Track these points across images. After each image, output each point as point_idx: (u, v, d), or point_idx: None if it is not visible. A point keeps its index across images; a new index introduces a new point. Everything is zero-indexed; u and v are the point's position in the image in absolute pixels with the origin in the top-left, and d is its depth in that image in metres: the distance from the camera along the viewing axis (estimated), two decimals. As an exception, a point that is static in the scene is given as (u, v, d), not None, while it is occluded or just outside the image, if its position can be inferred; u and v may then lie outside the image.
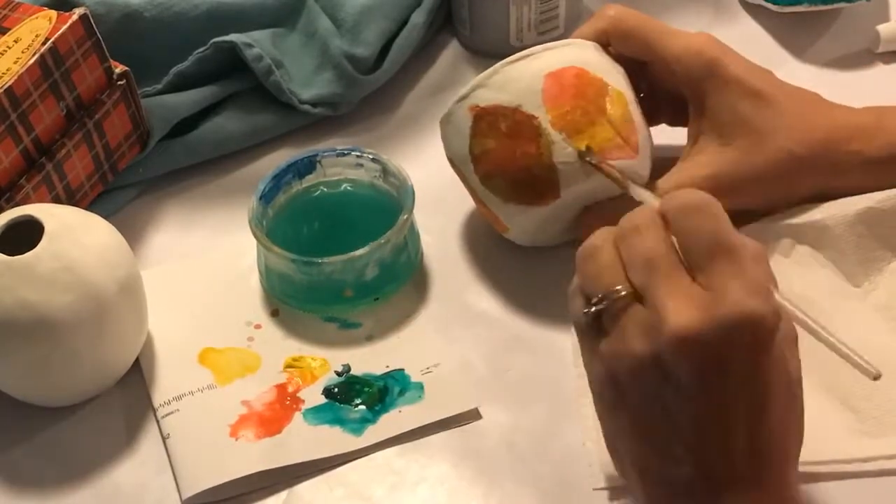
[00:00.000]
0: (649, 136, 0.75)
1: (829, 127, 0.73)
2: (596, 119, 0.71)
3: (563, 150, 0.71)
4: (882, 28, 0.90)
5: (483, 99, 0.74)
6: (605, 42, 0.76)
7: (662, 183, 0.74)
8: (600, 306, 0.55)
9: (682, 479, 0.55)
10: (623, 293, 0.54)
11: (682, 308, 0.52)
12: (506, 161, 0.73)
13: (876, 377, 0.54)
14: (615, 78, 0.74)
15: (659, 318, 0.53)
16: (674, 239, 0.55)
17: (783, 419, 0.55)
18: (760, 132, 0.72)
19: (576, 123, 0.71)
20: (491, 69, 0.74)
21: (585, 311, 0.56)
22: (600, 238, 0.57)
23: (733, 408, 0.54)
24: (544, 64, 0.73)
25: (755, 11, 0.96)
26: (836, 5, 0.91)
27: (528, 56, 0.74)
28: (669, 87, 0.76)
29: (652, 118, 0.77)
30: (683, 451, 0.54)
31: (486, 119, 0.73)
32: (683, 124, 0.77)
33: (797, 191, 0.75)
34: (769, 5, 0.93)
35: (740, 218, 0.72)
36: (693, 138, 0.75)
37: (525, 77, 0.73)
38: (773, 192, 0.74)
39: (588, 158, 0.71)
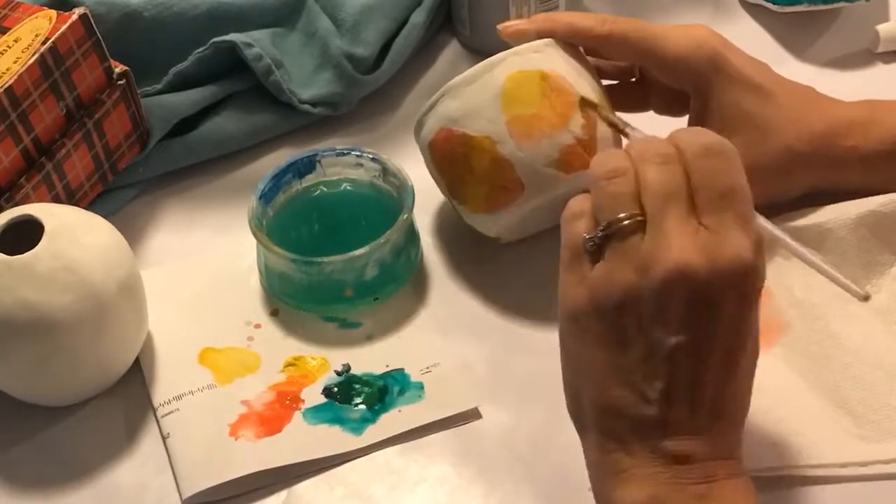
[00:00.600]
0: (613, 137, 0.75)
1: (827, 122, 0.73)
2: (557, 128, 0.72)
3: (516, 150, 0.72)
4: (882, 28, 0.90)
5: (442, 120, 0.74)
6: (595, 45, 0.76)
7: None
8: (612, 229, 0.55)
9: (645, 420, 0.56)
10: (630, 221, 0.55)
11: (686, 245, 0.53)
12: (464, 178, 0.74)
13: (865, 298, 0.55)
14: (580, 77, 0.74)
15: (662, 250, 0.54)
16: None
17: (745, 380, 0.57)
18: (761, 128, 0.73)
19: (532, 130, 0.72)
20: (453, 87, 0.74)
21: (591, 235, 0.56)
22: (620, 160, 0.57)
23: (712, 354, 0.55)
24: (504, 73, 0.73)
25: (755, 11, 0.96)
26: (835, 5, 0.91)
27: (492, 67, 0.73)
28: (666, 84, 0.76)
29: (641, 105, 0.78)
30: (654, 393, 0.55)
31: (441, 147, 0.75)
32: (674, 114, 0.77)
33: (795, 186, 0.75)
34: (769, 5, 0.93)
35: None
36: None
37: (484, 95, 0.73)
38: (772, 188, 0.74)
39: (588, 108, 0.71)
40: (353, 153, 0.79)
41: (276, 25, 0.91)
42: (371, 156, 0.79)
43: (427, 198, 0.79)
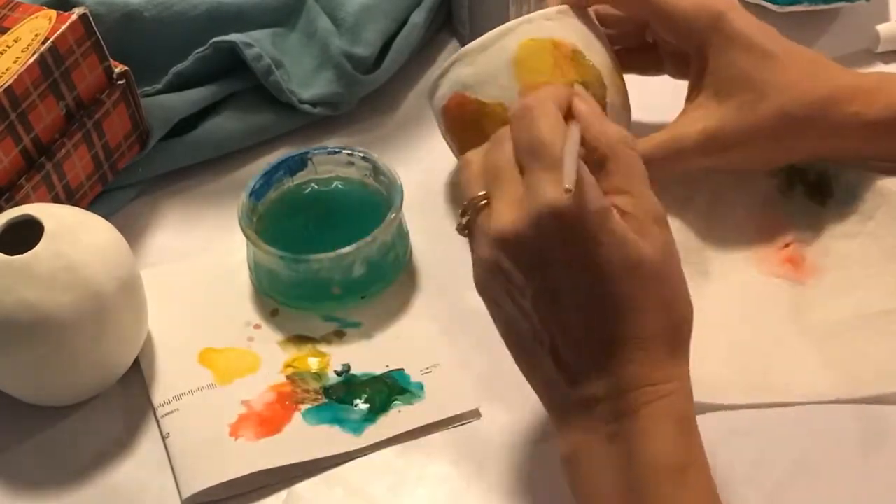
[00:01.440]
0: (626, 102, 0.76)
1: (831, 87, 0.73)
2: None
3: None
4: (882, 28, 0.90)
5: (455, 85, 0.75)
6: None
7: (648, 140, 0.74)
8: (465, 219, 0.58)
9: (549, 380, 0.58)
10: (483, 202, 0.57)
11: (504, 210, 0.56)
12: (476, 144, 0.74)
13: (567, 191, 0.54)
14: (591, 45, 0.74)
15: (489, 224, 0.57)
16: None
17: (635, 299, 0.56)
18: (758, 90, 0.72)
19: None
20: (466, 54, 0.75)
21: (457, 227, 0.59)
22: (471, 153, 0.60)
23: (567, 296, 0.56)
24: (517, 41, 0.74)
25: (755, 11, 0.94)
26: (835, 5, 0.91)
27: (504, 35, 0.74)
28: (673, 42, 0.77)
29: (656, 68, 0.78)
30: (539, 346, 0.57)
31: (454, 112, 0.76)
32: (687, 77, 0.77)
33: (792, 151, 0.75)
34: (769, 5, 0.93)
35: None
36: (692, 94, 0.75)
37: (497, 62, 0.74)
38: (768, 152, 0.74)
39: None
40: (344, 151, 0.79)
41: (276, 25, 0.91)
42: (362, 154, 0.79)
43: (428, 198, 0.79)
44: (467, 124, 0.75)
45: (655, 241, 0.56)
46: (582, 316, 0.56)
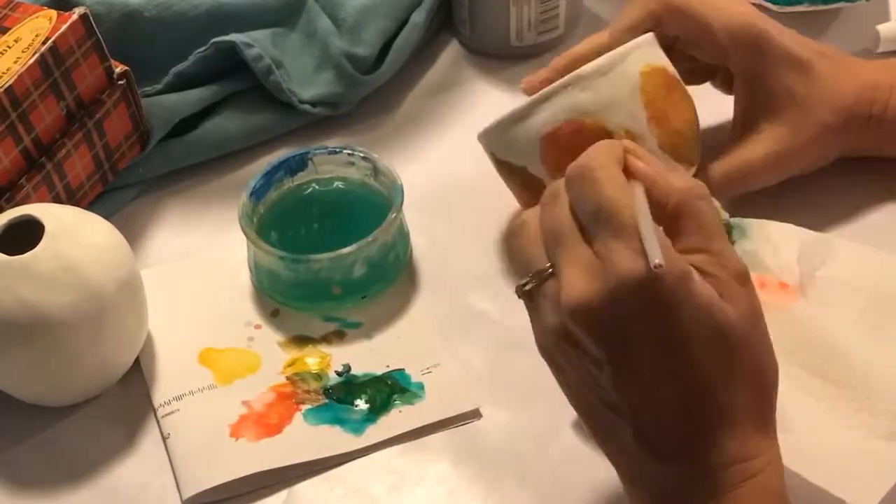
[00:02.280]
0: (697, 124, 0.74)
1: (855, 89, 0.75)
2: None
3: None
4: (882, 28, 0.90)
5: (569, 112, 0.71)
6: (655, 25, 0.75)
7: (715, 168, 0.75)
8: (529, 286, 0.55)
9: (628, 444, 0.54)
10: (548, 272, 0.54)
11: (575, 279, 0.52)
12: None
13: (657, 266, 0.51)
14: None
15: (562, 293, 0.53)
16: None
17: (722, 370, 0.52)
18: (802, 105, 0.74)
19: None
20: (583, 77, 0.71)
21: (517, 285, 0.56)
22: (527, 214, 0.57)
23: (649, 370, 0.52)
24: (637, 66, 0.71)
25: (755, 11, 0.95)
26: (836, 5, 0.91)
27: (623, 59, 0.71)
28: (719, 61, 0.77)
29: (700, 80, 0.79)
30: (620, 420, 0.53)
31: (566, 140, 0.71)
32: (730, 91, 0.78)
33: (830, 155, 0.77)
34: (769, 5, 0.93)
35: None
36: (741, 115, 0.76)
37: (622, 88, 0.70)
38: (810, 161, 0.76)
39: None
40: (344, 151, 0.79)
41: (277, 25, 0.90)
42: (362, 154, 0.79)
43: (428, 198, 0.79)
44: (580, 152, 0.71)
45: (740, 303, 0.52)
46: (666, 390, 0.52)
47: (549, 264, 0.54)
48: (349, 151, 0.79)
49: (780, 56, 0.74)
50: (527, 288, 0.55)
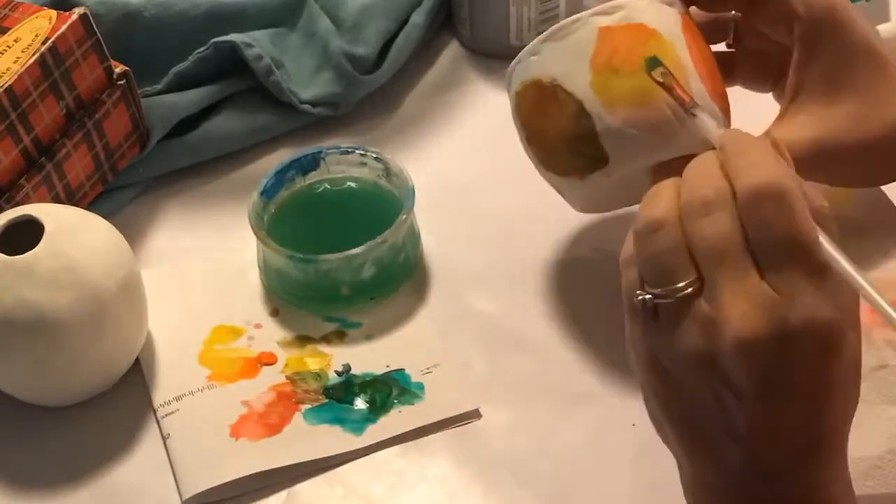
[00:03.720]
0: (722, 92, 0.68)
1: None
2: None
3: (602, 115, 0.65)
4: (882, 28, 0.90)
5: (531, 71, 0.68)
6: None
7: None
8: (660, 301, 0.49)
9: (733, 465, 0.50)
10: (689, 291, 0.49)
11: (748, 312, 0.47)
12: (544, 134, 0.68)
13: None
14: (672, 31, 0.67)
15: (722, 319, 0.48)
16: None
17: (842, 410, 0.51)
18: (870, 102, 0.65)
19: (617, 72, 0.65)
20: (543, 37, 0.68)
21: (642, 295, 0.50)
22: (664, 208, 0.50)
23: (793, 413, 0.49)
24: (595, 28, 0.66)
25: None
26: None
27: (579, 22, 0.67)
28: (764, 39, 0.69)
29: (728, 77, 0.70)
30: (734, 444, 0.50)
31: (527, 96, 0.69)
32: (761, 88, 0.71)
33: (872, 168, 0.68)
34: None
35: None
36: (792, 93, 0.66)
37: (574, 47, 0.66)
38: (878, 170, 0.67)
39: (653, 73, 0.62)
40: (357, 151, 0.79)
41: (277, 25, 0.90)
42: (375, 155, 0.79)
43: (428, 198, 0.79)
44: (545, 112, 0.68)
45: (859, 334, 0.50)
46: (797, 422, 0.49)
47: (693, 279, 0.49)
48: (361, 151, 0.79)
49: (854, 36, 0.64)
50: (658, 301, 0.49)
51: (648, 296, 0.50)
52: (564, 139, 0.67)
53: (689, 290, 0.49)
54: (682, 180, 0.51)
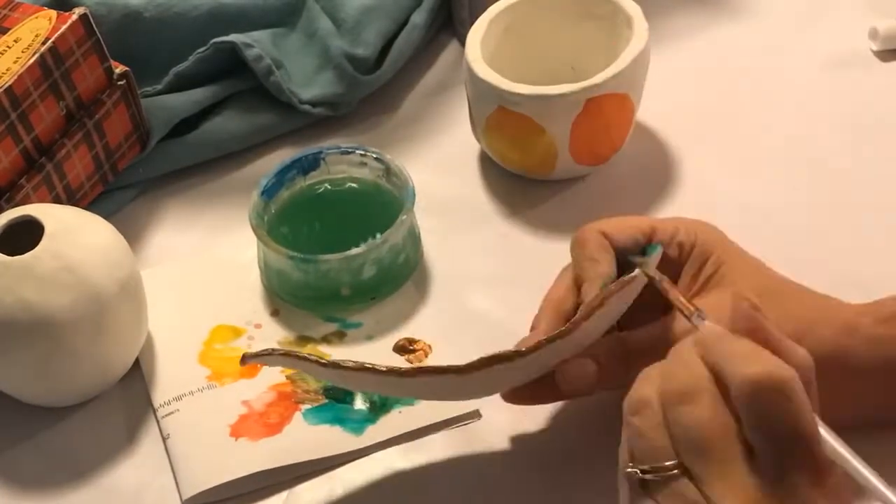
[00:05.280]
0: None
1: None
2: None
3: None
4: (881, 26, 0.90)
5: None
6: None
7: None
8: (647, 476, 0.49)
9: None
10: (672, 471, 0.48)
11: (730, 499, 0.46)
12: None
13: None
14: None
15: None
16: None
17: None
18: None
19: None
20: None
21: (630, 471, 0.50)
22: (648, 388, 0.50)
23: None
24: None
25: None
26: (836, 5, 0.91)
27: None
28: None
29: None
30: None
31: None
32: None
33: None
34: None
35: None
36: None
37: None
38: None
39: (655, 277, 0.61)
40: (357, 152, 0.79)
41: (277, 26, 0.91)
42: (375, 155, 0.79)
43: (427, 198, 0.79)
44: None
45: None
46: None
47: (674, 466, 0.48)
48: (362, 152, 0.79)
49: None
50: (645, 477, 0.49)
51: (638, 474, 0.49)
52: None
53: (675, 471, 0.48)
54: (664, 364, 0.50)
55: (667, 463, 0.48)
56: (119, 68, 0.81)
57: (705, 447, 0.47)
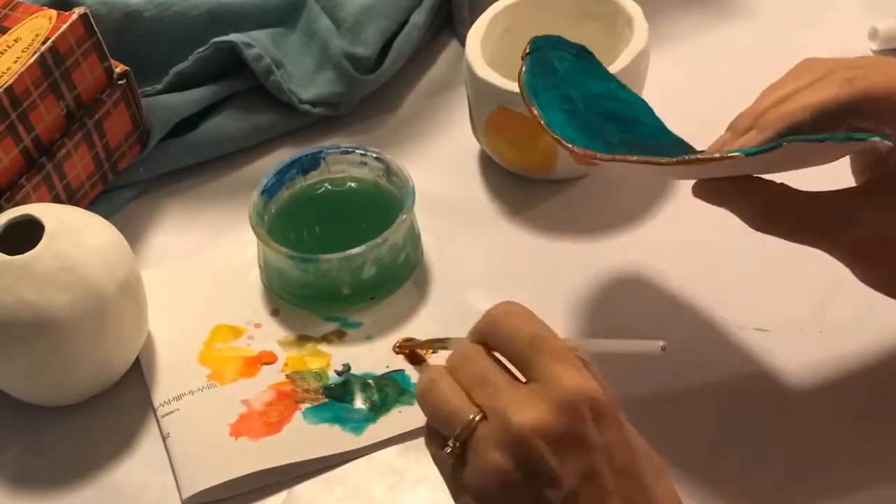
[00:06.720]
0: None
1: None
2: None
3: None
4: (881, 26, 0.90)
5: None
6: (839, 111, 0.63)
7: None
8: (462, 436, 0.54)
9: None
10: (478, 418, 0.54)
11: (523, 406, 0.53)
12: None
13: (663, 347, 0.54)
14: None
15: (505, 423, 0.53)
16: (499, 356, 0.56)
17: (654, 473, 0.54)
18: None
19: None
20: None
21: (449, 449, 0.54)
22: (435, 372, 0.57)
23: (606, 480, 0.53)
24: None
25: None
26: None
27: None
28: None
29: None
30: None
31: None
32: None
33: None
34: (770, 6, 0.93)
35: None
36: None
37: None
38: None
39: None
40: (357, 151, 0.79)
41: (277, 25, 0.91)
42: (375, 155, 0.79)
43: (427, 198, 0.79)
44: None
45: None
46: (626, 495, 0.53)
47: (476, 412, 0.54)
48: (362, 151, 0.79)
49: None
50: (459, 440, 0.54)
51: (456, 444, 0.54)
52: None
53: (478, 418, 0.54)
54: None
55: (471, 416, 0.54)
56: (119, 68, 0.81)
57: (489, 381, 0.54)
